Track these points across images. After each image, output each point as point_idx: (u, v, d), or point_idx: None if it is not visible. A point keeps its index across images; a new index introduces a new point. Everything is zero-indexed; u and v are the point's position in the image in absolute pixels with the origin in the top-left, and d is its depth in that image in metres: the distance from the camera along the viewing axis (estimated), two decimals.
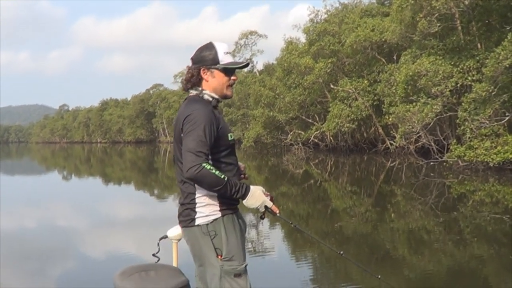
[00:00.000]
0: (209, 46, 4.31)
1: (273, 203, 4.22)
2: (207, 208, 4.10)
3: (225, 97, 4.39)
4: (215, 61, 4.25)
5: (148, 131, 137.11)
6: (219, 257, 4.04)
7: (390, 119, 36.63)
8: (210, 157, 4.01)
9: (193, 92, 4.37)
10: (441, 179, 24.89)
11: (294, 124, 55.44)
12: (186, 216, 4.19)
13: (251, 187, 4.14)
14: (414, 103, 32.41)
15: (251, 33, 77.00)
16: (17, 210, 19.89)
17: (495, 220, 14.50)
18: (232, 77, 4.34)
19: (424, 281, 8.85)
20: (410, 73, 32.27)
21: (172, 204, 20.49)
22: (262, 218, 4.37)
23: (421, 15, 32.67)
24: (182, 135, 4.06)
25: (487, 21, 33.75)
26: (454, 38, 33.24)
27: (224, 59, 4.27)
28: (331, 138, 51.87)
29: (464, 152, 27.61)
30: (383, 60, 44.04)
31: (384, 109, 39.75)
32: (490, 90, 26.11)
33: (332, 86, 47.81)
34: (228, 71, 4.29)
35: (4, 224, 16.33)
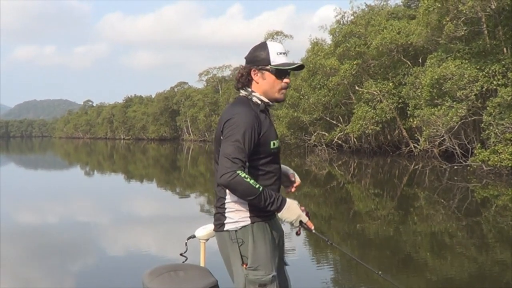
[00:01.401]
0: (262, 46, 4.12)
1: (309, 218, 4.05)
2: (236, 214, 4.01)
3: (275, 100, 4.18)
4: (266, 61, 4.03)
5: (171, 129, 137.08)
6: (244, 265, 3.95)
7: (415, 122, 36.55)
8: (247, 164, 3.85)
9: (242, 93, 4.18)
10: (464, 183, 24.82)
11: (318, 125, 55.38)
12: (217, 220, 4.12)
13: (288, 200, 3.95)
14: (439, 107, 32.31)
15: (277, 33, 77.01)
16: (41, 206, 20.13)
17: None
18: (285, 80, 4.11)
19: (446, 285, 8.88)
20: (436, 77, 32.18)
21: (194, 203, 20.70)
22: (297, 234, 4.20)
23: (447, 19, 32.56)
24: (221, 137, 3.93)
25: None
26: (480, 42, 33.12)
27: (276, 59, 4.04)
28: (355, 140, 51.76)
29: (488, 157, 27.49)
30: (409, 63, 43.89)
31: (408, 112, 39.64)
32: None
33: (357, 88, 47.75)
34: (280, 73, 4.07)
35: (29, 220, 16.55)
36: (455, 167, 31.11)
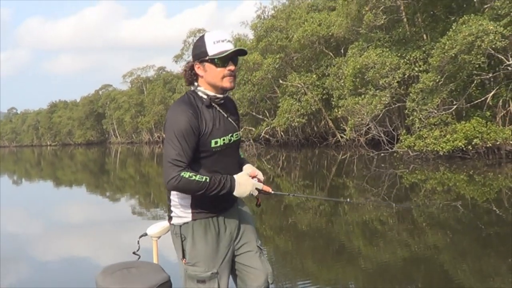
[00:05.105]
0: (200, 39, 4.05)
1: (263, 182, 4.13)
2: (179, 209, 4.06)
3: (223, 89, 4.08)
4: (204, 52, 3.96)
5: (98, 133, 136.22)
6: (184, 260, 3.99)
7: (340, 112, 36.90)
8: (188, 163, 3.83)
9: (191, 89, 4.14)
10: (392, 170, 25.10)
11: (244, 121, 55.51)
12: (168, 211, 4.18)
13: (236, 176, 3.99)
14: (362, 96, 32.70)
15: (199, 31, 76.98)
16: None
17: (448, 208, 14.67)
18: (228, 67, 3.99)
19: (380, 272, 8.89)
20: (358, 66, 32.54)
21: (125, 206, 20.40)
22: (258, 205, 4.29)
23: (366, 8, 32.94)
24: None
25: (432, 12, 34.20)
26: (400, 30, 33.60)
27: (213, 49, 3.94)
28: (282, 133, 52.08)
29: (413, 142, 27.93)
30: (331, 54, 44.33)
31: (333, 103, 40.09)
32: (437, 80, 26.43)
33: (281, 81, 48.03)
34: (221, 61, 3.95)
35: None
36: (382, 154, 31.53)
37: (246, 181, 3.99)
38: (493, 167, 23.61)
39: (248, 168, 4.23)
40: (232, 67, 4.01)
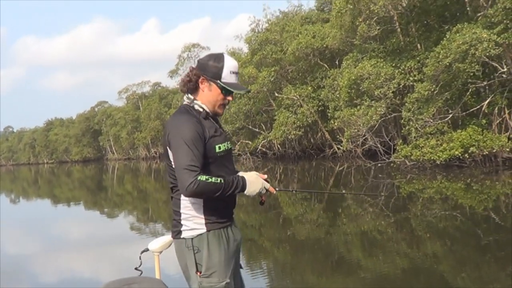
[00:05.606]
0: (219, 58, 4.14)
1: (268, 182, 4.30)
2: (192, 222, 4.05)
3: (215, 113, 4.26)
4: (217, 75, 4.10)
5: (95, 149, 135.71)
6: (198, 273, 3.98)
7: (336, 124, 36.87)
8: (201, 167, 3.89)
9: (185, 100, 4.23)
10: (389, 180, 25.09)
11: (241, 134, 55.54)
12: (174, 227, 4.15)
13: (245, 175, 4.16)
14: (358, 107, 32.69)
15: (194, 45, 76.90)
16: None
17: (446, 217, 14.67)
18: (228, 98, 4.23)
19: (380, 282, 8.88)
20: (353, 77, 32.57)
21: (124, 222, 20.36)
22: (262, 203, 4.40)
23: (360, 19, 32.98)
24: (168, 147, 4.01)
25: (425, 22, 34.25)
26: (394, 40, 33.65)
27: (227, 77, 4.12)
28: (279, 146, 51.95)
29: (410, 152, 27.92)
30: (326, 65, 44.31)
31: (329, 114, 40.03)
32: (432, 89, 26.47)
33: (276, 94, 47.97)
34: (226, 90, 4.16)
35: None
36: (379, 164, 31.52)
37: (256, 180, 4.17)
38: (490, 175, 23.62)
39: (247, 173, 4.30)
40: (231, 98, 4.26)
